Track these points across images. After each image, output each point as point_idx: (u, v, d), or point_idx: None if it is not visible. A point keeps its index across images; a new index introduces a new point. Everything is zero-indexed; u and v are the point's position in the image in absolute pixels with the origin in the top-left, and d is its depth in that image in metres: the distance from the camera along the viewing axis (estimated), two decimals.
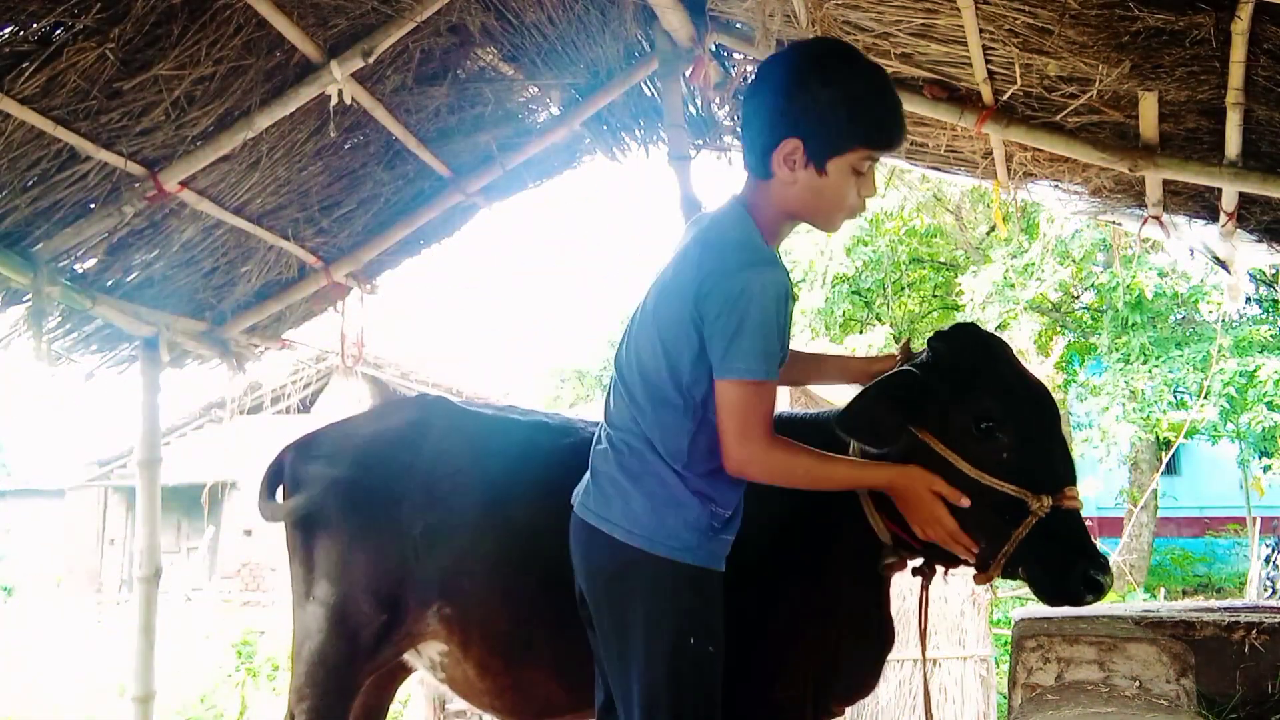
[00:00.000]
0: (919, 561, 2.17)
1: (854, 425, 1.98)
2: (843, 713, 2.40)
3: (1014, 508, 1.89)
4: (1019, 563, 1.93)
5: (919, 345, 2.15)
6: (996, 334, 2.20)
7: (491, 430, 2.51)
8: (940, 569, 2.16)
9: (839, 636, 2.21)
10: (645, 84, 4.05)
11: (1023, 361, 2.12)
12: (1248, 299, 14.23)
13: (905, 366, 2.06)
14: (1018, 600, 9.17)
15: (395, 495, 2.41)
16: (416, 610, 2.40)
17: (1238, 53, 2.73)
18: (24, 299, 3.39)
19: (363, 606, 2.43)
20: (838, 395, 7.28)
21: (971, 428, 1.94)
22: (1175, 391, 13.75)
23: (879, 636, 2.29)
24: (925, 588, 2.18)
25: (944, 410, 1.97)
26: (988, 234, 15.89)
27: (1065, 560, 1.89)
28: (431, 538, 2.38)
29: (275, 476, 2.66)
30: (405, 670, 2.69)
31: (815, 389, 7.11)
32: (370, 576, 2.42)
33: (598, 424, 2.09)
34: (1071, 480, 1.94)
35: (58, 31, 2.71)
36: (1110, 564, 1.91)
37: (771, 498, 2.06)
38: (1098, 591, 1.89)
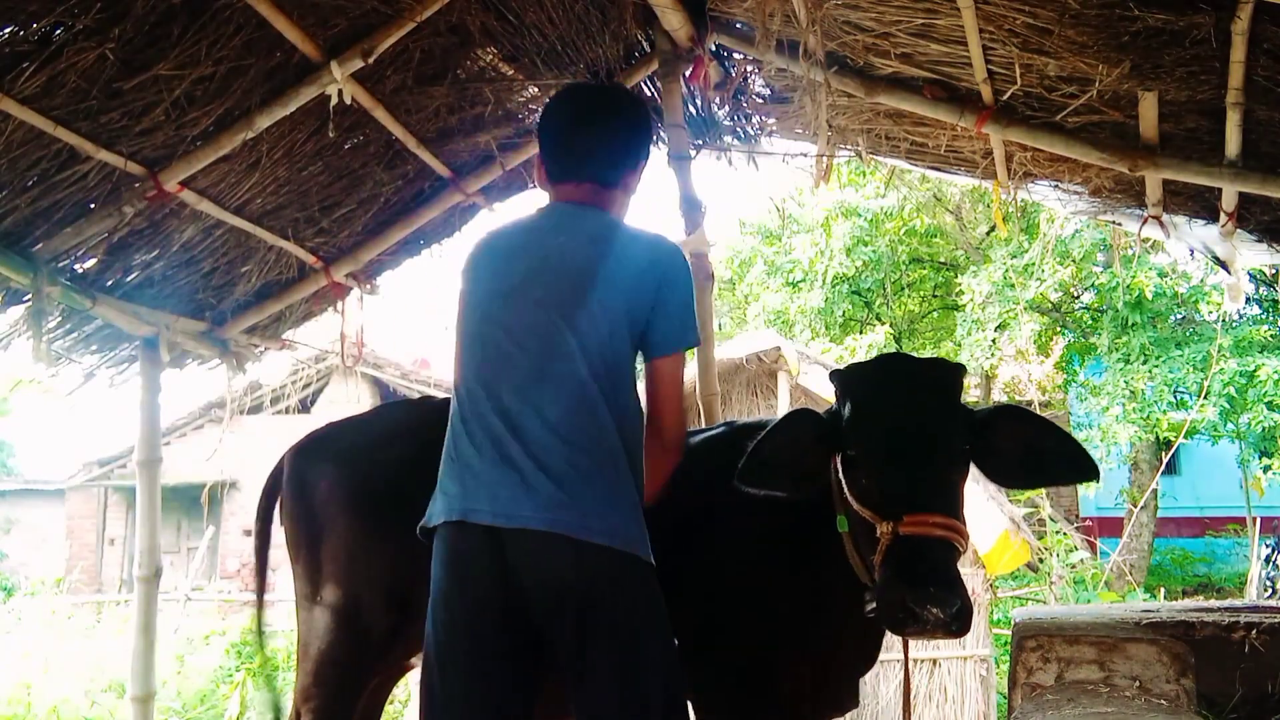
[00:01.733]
0: None
1: (754, 479, 2.07)
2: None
3: (871, 532, 1.94)
4: None
5: None
6: (911, 359, 2.23)
7: None
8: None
9: (825, 658, 2.29)
10: (645, 84, 4.05)
11: (926, 387, 2.08)
12: (1248, 299, 14.23)
13: (803, 407, 2.18)
14: (1018, 600, 9.17)
15: (402, 496, 2.41)
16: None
17: (1238, 53, 2.73)
18: (24, 299, 3.39)
19: (373, 607, 2.43)
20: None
21: (847, 455, 2.03)
22: (1175, 391, 13.73)
23: (860, 658, 2.37)
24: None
25: (840, 439, 2.06)
26: (988, 234, 15.88)
27: (886, 585, 1.87)
28: None
29: (277, 482, 2.66)
30: (402, 670, 2.69)
31: (814, 388, 7.12)
32: (380, 577, 2.43)
33: (493, 413, 1.94)
34: (921, 507, 1.89)
35: (58, 31, 2.71)
36: (948, 600, 1.80)
37: (770, 534, 2.21)
38: (917, 622, 1.81)
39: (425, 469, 2.42)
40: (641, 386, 2.10)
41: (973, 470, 2.10)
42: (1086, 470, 2.07)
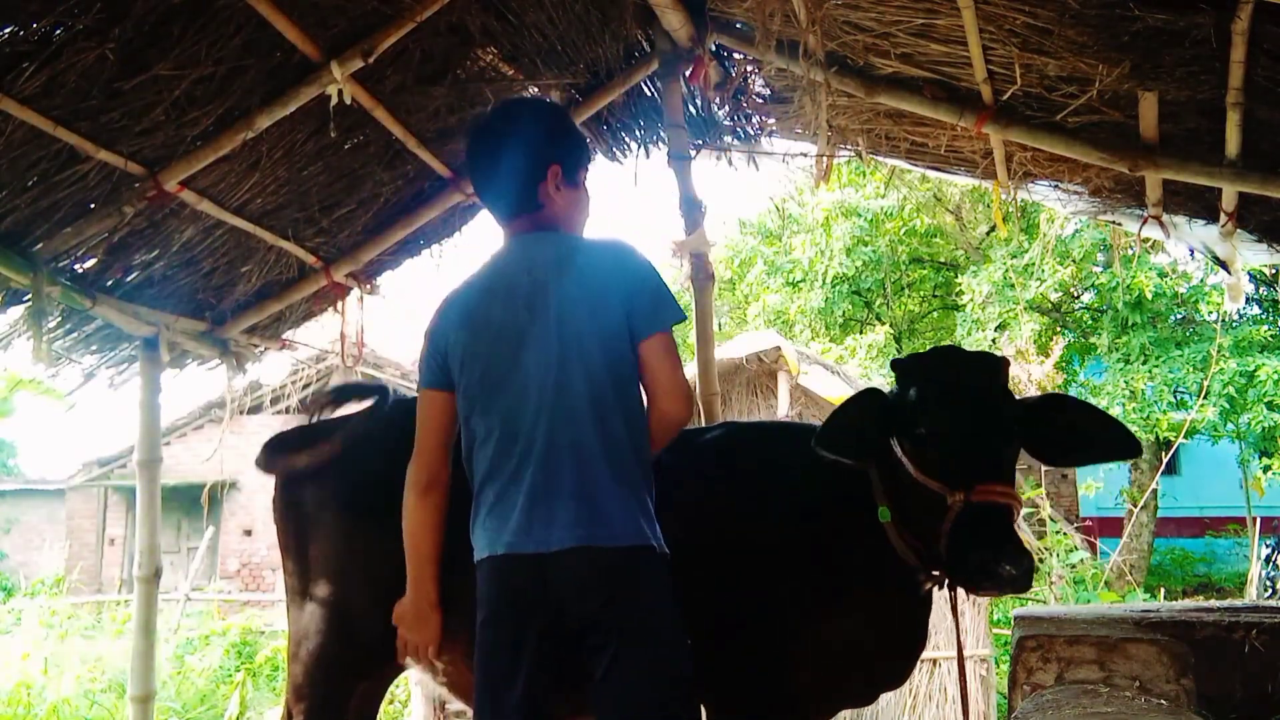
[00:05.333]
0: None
1: (828, 444, 2.22)
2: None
3: (940, 503, 2.09)
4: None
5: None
6: (965, 351, 2.35)
7: None
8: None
9: (855, 646, 2.33)
10: (645, 84, 4.05)
11: (984, 374, 2.26)
12: (1248, 299, 14.24)
13: (872, 386, 2.31)
14: (1018, 600, 9.16)
15: (390, 495, 2.41)
16: None
17: (1238, 53, 2.73)
18: (24, 299, 3.39)
19: (362, 607, 2.42)
20: (832, 392, 7.27)
21: (915, 434, 2.18)
22: (1175, 391, 13.73)
23: (908, 641, 2.42)
24: (954, 594, 2.30)
25: (902, 421, 2.21)
26: (988, 234, 15.88)
27: (966, 548, 2.03)
28: None
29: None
30: (397, 670, 2.69)
31: (814, 388, 7.12)
32: (369, 578, 2.42)
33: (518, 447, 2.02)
34: (990, 477, 2.08)
35: (58, 31, 2.71)
36: (1019, 558, 1.98)
37: (804, 520, 2.30)
38: (995, 580, 1.98)
39: None
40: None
41: None
42: (1131, 448, 2.25)
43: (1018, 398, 2.28)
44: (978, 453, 2.13)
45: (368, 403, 2.70)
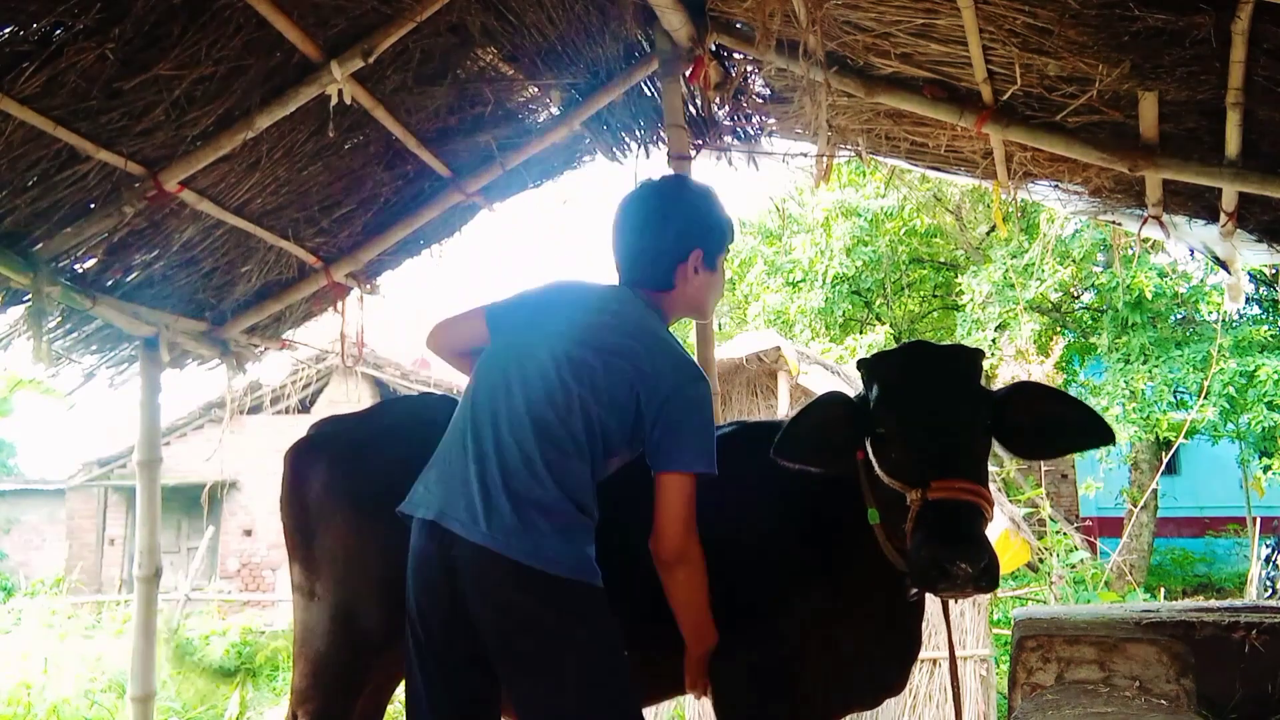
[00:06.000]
0: None
1: (787, 452, 2.20)
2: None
3: (903, 503, 2.05)
4: None
5: None
6: (931, 346, 2.28)
7: None
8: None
9: (855, 649, 2.32)
10: (645, 84, 4.04)
11: (946, 369, 2.20)
12: (1248, 299, 14.24)
13: (834, 390, 2.29)
14: (1018, 600, 9.17)
15: (399, 493, 2.41)
16: None
17: (1238, 53, 2.73)
18: (24, 299, 3.39)
19: (370, 606, 2.42)
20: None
21: (876, 434, 2.17)
22: (1175, 391, 13.74)
23: (903, 645, 2.41)
24: (946, 604, 2.26)
25: (868, 421, 2.20)
26: (988, 234, 15.89)
27: (919, 546, 1.97)
28: None
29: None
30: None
31: (814, 388, 7.11)
32: (377, 576, 2.42)
33: (476, 437, 2.09)
34: (948, 474, 2.01)
35: (58, 31, 2.71)
36: (977, 556, 1.91)
37: (797, 528, 2.31)
38: (950, 579, 1.91)
39: (422, 466, 2.43)
40: None
41: None
42: (1102, 434, 2.16)
43: (988, 391, 2.21)
44: (933, 449, 2.07)
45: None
